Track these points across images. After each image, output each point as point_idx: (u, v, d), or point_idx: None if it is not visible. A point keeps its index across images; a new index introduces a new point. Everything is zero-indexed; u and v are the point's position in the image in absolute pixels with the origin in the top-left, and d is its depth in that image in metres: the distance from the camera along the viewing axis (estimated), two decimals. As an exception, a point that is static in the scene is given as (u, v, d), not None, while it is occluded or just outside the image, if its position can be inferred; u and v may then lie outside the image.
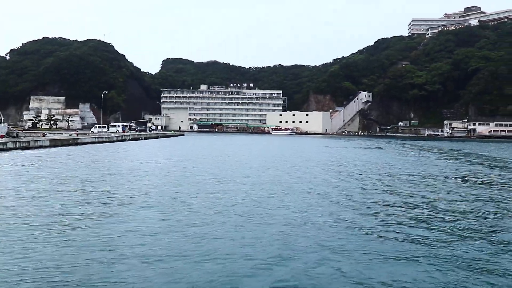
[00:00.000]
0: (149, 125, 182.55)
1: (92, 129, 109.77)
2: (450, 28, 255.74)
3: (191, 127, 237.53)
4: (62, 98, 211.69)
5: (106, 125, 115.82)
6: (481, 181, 33.39)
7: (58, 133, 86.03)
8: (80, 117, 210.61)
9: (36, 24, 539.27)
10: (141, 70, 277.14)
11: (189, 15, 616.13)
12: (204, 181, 29.91)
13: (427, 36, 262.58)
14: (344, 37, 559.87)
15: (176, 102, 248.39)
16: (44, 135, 73.44)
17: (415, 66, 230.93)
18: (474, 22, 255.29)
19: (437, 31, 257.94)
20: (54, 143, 60.06)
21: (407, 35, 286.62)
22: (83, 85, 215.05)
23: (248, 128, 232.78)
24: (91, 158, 47.49)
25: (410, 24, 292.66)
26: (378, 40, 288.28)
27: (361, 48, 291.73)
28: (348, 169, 41.09)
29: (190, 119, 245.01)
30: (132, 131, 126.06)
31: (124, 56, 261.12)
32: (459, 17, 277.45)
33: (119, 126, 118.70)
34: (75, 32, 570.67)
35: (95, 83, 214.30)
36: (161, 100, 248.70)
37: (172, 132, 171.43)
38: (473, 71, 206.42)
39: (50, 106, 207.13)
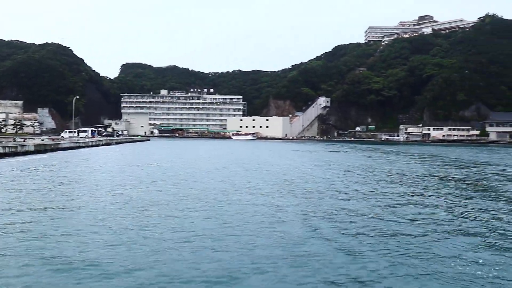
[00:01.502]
0: (109, 129, 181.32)
1: (62, 134, 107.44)
2: (405, 36, 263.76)
3: (152, 132, 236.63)
4: (20, 102, 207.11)
5: (76, 130, 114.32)
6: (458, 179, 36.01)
7: (29, 138, 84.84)
8: (38, 122, 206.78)
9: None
10: (100, 75, 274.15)
11: (149, 20, 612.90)
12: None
13: (383, 43, 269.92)
14: (302, 44, 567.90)
15: (136, 107, 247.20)
16: (14, 140, 72.51)
17: (372, 72, 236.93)
18: (427, 30, 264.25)
19: (392, 38, 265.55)
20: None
21: (364, 42, 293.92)
22: (41, 89, 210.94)
23: (208, 133, 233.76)
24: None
25: (366, 31, 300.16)
26: (335, 46, 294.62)
27: (319, 55, 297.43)
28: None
29: (150, 124, 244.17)
30: (99, 136, 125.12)
31: (83, 60, 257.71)
32: (413, 25, 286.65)
33: (88, 131, 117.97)
34: (31, 35, 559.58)
35: (54, 87, 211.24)
36: (121, 105, 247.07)
37: (139, 137, 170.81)
38: (427, 77, 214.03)
39: (8, 111, 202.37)
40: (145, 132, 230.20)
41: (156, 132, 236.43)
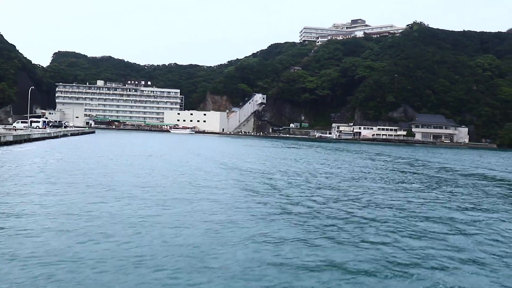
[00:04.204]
0: (42, 119, 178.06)
1: (14, 124, 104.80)
2: (338, 38, 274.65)
3: (87, 123, 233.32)
4: None
5: (29, 121, 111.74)
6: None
7: None
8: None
9: None
10: (32, 62, 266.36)
11: (82, 7, 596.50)
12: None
13: (317, 43, 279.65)
14: (238, 41, 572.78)
15: (71, 97, 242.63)
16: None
17: (306, 71, 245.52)
18: (359, 33, 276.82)
19: (326, 39, 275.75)
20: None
21: (299, 41, 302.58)
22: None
23: (146, 126, 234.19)
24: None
25: (301, 31, 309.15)
26: (271, 44, 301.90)
27: (255, 52, 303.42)
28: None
29: (86, 115, 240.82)
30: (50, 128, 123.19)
31: (14, 46, 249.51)
32: (347, 28, 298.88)
33: (40, 121, 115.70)
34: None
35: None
36: (56, 95, 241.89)
37: (87, 128, 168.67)
38: (359, 79, 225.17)
39: None
40: (87, 123, 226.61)
41: (92, 123, 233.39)
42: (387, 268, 13.36)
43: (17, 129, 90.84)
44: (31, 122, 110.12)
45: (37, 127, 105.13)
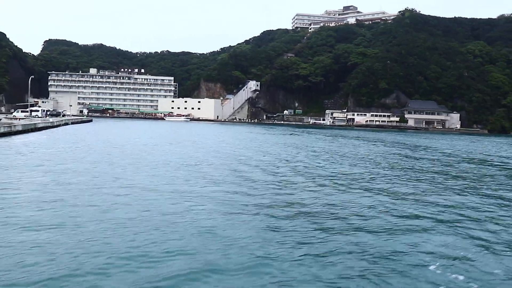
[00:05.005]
0: (41, 108, 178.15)
1: (14, 113, 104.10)
2: (330, 25, 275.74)
3: (81, 111, 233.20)
4: None
5: (29, 110, 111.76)
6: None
7: None
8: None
9: None
10: (23, 51, 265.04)
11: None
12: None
13: (310, 30, 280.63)
14: (230, 27, 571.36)
15: (64, 85, 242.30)
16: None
17: (299, 58, 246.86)
18: (352, 20, 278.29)
19: (318, 26, 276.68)
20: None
21: (292, 28, 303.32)
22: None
23: (140, 114, 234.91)
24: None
25: (294, 18, 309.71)
26: (264, 31, 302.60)
27: (248, 39, 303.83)
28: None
29: (79, 103, 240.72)
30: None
31: (5, 34, 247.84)
32: (339, 14, 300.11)
33: (39, 110, 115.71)
34: None
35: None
36: (48, 83, 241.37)
37: (85, 117, 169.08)
38: (352, 65, 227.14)
39: None
40: (80, 112, 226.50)
41: (85, 111, 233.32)
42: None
43: (19, 118, 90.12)
44: (31, 111, 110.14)
45: (37, 116, 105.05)
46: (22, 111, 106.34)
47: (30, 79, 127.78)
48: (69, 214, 15.97)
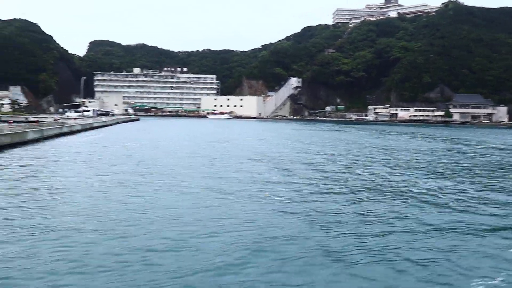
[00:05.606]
0: (92, 108, 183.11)
1: (67, 113, 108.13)
2: (371, 19, 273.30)
3: (126, 110, 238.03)
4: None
5: (82, 109, 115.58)
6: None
7: (43, 118, 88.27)
8: (11, 100, 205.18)
9: None
10: (69, 52, 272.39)
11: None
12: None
13: (350, 25, 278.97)
14: (270, 24, 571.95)
15: (109, 85, 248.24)
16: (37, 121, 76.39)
17: (340, 53, 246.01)
18: (393, 14, 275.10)
19: (359, 21, 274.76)
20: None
21: (332, 24, 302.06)
22: (11, 66, 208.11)
23: (184, 112, 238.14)
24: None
25: (334, 13, 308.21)
26: (304, 28, 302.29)
27: (288, 35, 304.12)
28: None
29: (124, 103, 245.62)
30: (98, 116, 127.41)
31: (51, 37, 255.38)
32: (380, 8, 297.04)
33: (91, 110, 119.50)
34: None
35: (24, 65, 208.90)
36: (94, 83, 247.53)
37: (133, 116, 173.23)
38: (394, 59, 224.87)
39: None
40: (125, 111, 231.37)
41: (130, 110, 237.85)
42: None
43: (73, 118, 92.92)
44: (84, 111, 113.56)
45: (88, 115, 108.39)
46: (75, 111, 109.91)
47: (82, 80, 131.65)
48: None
